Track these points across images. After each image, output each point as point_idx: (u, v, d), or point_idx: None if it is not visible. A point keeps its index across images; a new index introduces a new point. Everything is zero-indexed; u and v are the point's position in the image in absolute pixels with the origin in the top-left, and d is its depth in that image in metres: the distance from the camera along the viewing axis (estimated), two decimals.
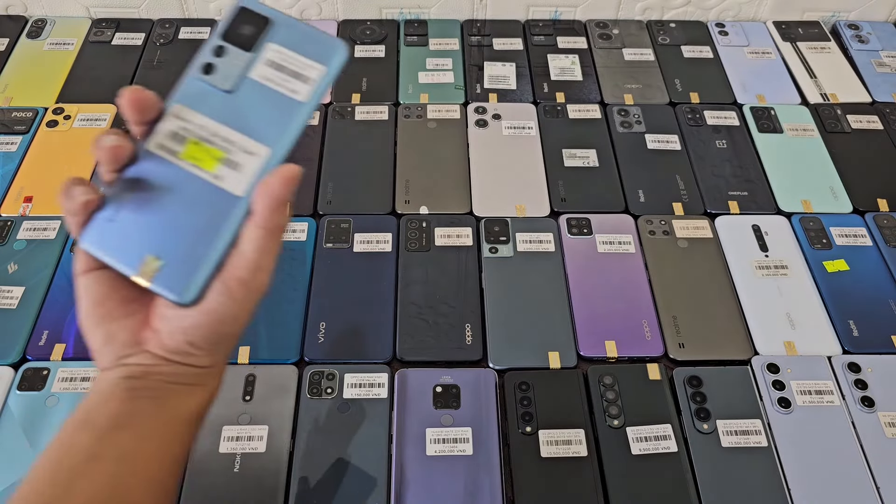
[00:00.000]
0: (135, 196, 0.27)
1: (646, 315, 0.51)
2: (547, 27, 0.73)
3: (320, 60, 0.28)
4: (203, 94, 0.27)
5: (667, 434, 0.45)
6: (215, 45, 0.28)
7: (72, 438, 0.26)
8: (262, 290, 0.27)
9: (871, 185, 0.60)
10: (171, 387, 0.27)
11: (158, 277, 0.26)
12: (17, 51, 0.69)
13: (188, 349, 0.27)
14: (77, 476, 0.25)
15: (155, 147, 0.27)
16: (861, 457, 0.45)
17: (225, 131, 0.27)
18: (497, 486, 0.43)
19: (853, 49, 0.72)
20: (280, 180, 0.25)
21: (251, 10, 0.28)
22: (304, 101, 0.27)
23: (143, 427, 0.26)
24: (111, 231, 0.26)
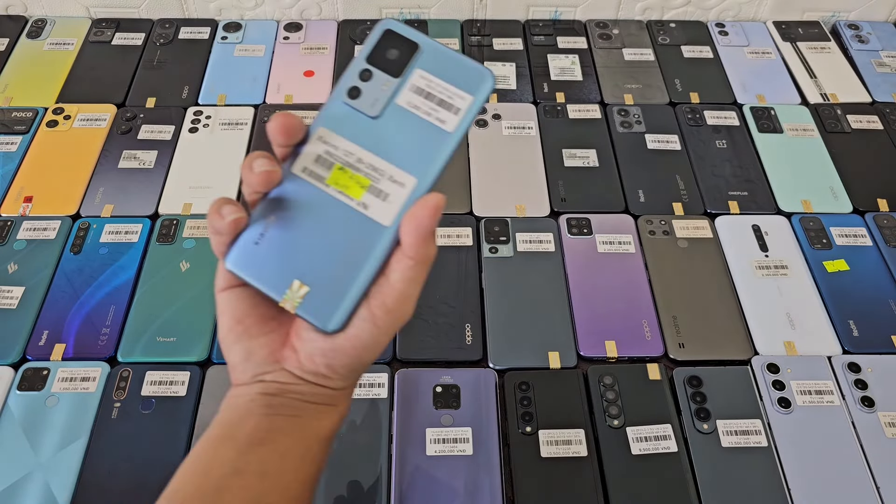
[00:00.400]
0: (280, 220, 0.27)
1: (646, 315, 0.51)
2: (547, 27, 0.73)
3: (468, 89, 0.27)
4: (349, 119, 0.27)
5: (667, 434, 0.45)
6: (361, 68, 0.27)
7: (215, 451, 0.27)
8: (406, 319, 0.27)
9: (871, 185, 0.60)
10: (307, 406, 0.28)
11: (305, 304, 0.26)
12: (17, 51, 0.69)
13: (326, 372, 0.27)
14: (223, 489, 0.25)
15: (300, 171, 0.27)
16: (861, 457, 0.45)
17: (371, 158, 0.27)
18: (497, 486, 0.43)
19: (853, 49, 0.72)
20: (428, 211, 0.25)
21: (397, 34, 0.28)
22: (451, 131, 0.27)
23: (282, 443, 0.27)
24: (257, 254, 0.26)
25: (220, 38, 0.71)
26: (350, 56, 0.70)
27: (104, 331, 0.49)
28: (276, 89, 0.67)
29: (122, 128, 0.62)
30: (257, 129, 0.63)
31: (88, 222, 0.56)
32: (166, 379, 0.47)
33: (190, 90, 0.66)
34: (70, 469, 0.43)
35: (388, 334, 0.27)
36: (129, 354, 0.48)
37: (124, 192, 0.58)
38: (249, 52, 0.70)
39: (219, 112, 0.64)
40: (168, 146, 0.61)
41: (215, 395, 0.46)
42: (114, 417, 0.45)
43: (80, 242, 0.54)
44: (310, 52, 0.70)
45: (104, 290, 0.52)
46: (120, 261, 0.53)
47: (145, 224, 0.56)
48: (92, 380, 0.47)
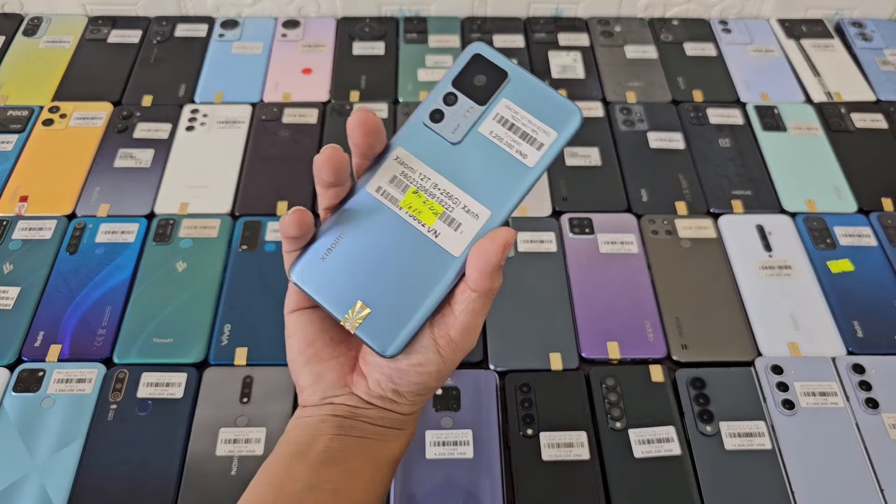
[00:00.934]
0: (349, 238, 0.26)
1: (648, 316, 0.51)
2: (548, 24, 0.73)
3: (553, 124, 0.26)
4: (428, 142, 0.27)
5: (669, 436, 0.45)
6: (446, 91, 0.27)
7: (289, 468, 0.27)
8: (469, 349, 0.27)
9: (876, 185, 0.60)
10: (376, 429, 0.28)
11: (365, 326, 0.26)
12: (13, 49, 0.69)
13: (393, 397, 0.28)
14: (298, 503, 0.26)
15: (374, 190, 0.27)
16: (865, 459, 0.44)
17: (447, 185, 0.26)
18: (497, 489, 0.42)
19: (857, 47, 0.71)
20: (496, 247, 0.25)
21: (487, 60, 0.27)
22: (531, 166, 0.26)
23: (353, 463, 0.28)
24: (322, 270, 0.26)
25: (218, 36, 0.70)
26: (349, 54, 0.69)
27: (100, 332, 0.49)
28: (273, 87, 0.66)
29: (119, 126, 0.62)
30: (254, 127, 0.63)
31: (84, 222, 0.55)
32: (163, 380, 0.46)
33: (187, 88, 0.65)
34: (66, 471, 0.42)
35: (452, 362, 0.27)
36: (125, 356, 0.48)
37: (121, 191, 0.57)
38: (247, 50, 0.69)
39: (216, 110, 0.64)
40: (165, 145, 0.61)
41: (212, 397, 0.46)
42: (110, 419, 0.45)
43: (75, 242, 0.54)
44: (308, 49, 0.70)
45: (100, 290, 0.51)
46: (116, 261, 0.53)
47: (142, 224, 0.55)
48: (88, 381, 0.46)
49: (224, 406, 0.45)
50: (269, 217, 0.56)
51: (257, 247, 0.54)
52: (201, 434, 0.44)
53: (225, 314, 0.50)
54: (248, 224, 0.55)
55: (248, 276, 0.52)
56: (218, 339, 0.49)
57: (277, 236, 0.55)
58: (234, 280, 0.52)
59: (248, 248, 0.54)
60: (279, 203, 0.57)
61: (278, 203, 0.57)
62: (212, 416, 0.45)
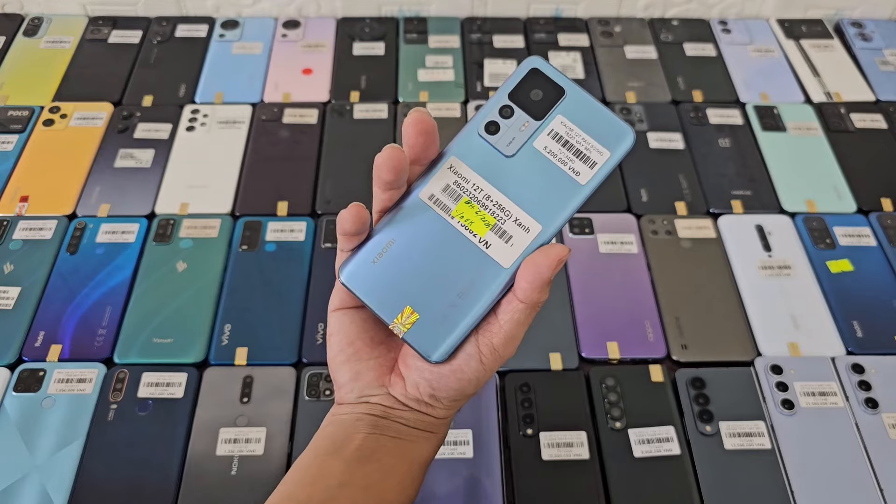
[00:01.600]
0: (400, 243, 0.27)
1: (648, 316, 0.51)
2: (548, 24, 0.73)
3: (606, 144, 0.26)
4: (482, 154, 0.27)
5: (669, 436, 0.45)
6: (503, 104, 0.27)
7: (323, 464, 0.28)
8: (508, 358, 0.28)
9: (876, 185, 0.60)
10: (409, 430, 0.29)
11: (413, 331, 0.27)
12: (14, 49, 0.69)
13: (429, 401, 0.28)
14: (330, 499, 0.27)
15: (427, 198, 0.27)
16: (865, 459, 0.44)
17: (499, 197, 0.27)
18: (497, 489, 0.42)
19: (857, 47, 0.71)
20: (550, 262, 0.25)
21: (544, 75, 0.27)
22: (583, 184, 0.26)
23: (386, 462, 0.28)
24: (373, 273, 0.27)
25: (218, 36, 0.70)
26: (349, 54, 0.69)
27: (100, 332, 0.49)
28: (274, 87, 0.66)
29: (119, 126, 0.62)
30: (255, 127, 0.63)
31: (85, 222, 0.55)
32: (163, 380, 0.46)
33: (187, 88, 0.66)
34: (66, 471, 0.42)
35: (491, 371, 0.28)
36: (125, 355, 0.48)
37: (121, 191, 0.57)
38: (247, 50, 0.69)
39: (216, 110, 0.64)
40: (165, 145, 0.61)
41: (212, 397, 0.46)
42: (110, 419, 0.45)
43: (76, 242, 0.54)
44: (308, 49, 0.70)
45: (100, 290, 0.51)
46: (116, 261, 0.53)
47: (142, 224, 0.55)
48: (88, 381, 0.46)
49: (224, 406, 0.45)
50: (269, 217, 0.56)
51: (257, 247, 0.54)
52: (201, 434, 0.44)
53: (225, 314, 0.50)
54: (249, 224, 0.55)
55: (249, 276, 0.52)
56: (218, 338, 0.49)
57: (277, 236, 0.55)
58: (234, 280, 0.52)
59: (248, 248, 0.54)
60: (279, 203, 0.57)
61: (278, 203, 0.57)
62: (212, 415, 0.45)
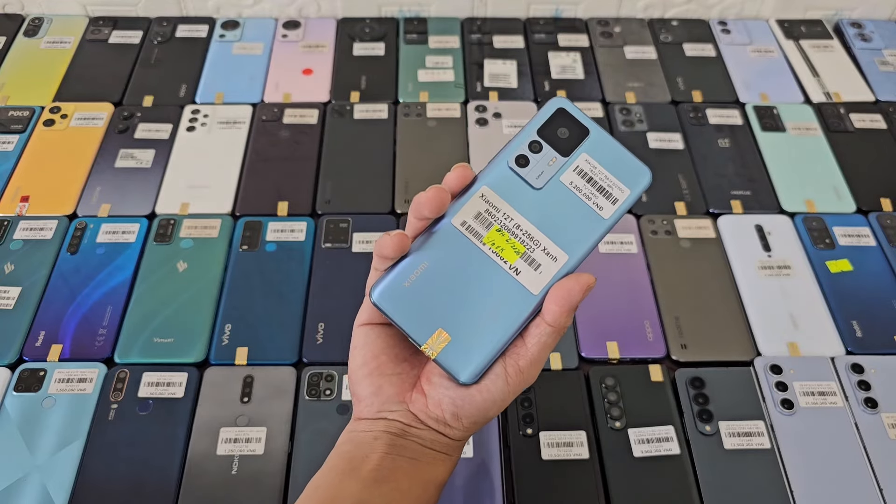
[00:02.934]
0: (432, 267, 0.28)
1: (648, 316, 0.51)
2: (548, 25, 0.73)
3: (627, 182, 0.28)
4: (512, 185, 0.28)
5: (669, 436, 0.45)
6: (532, 139, 0.29)
7: (341, 483, 0.28)
8: (531, 382, 0.29)
9: (875, 185, 0.60)
10: (426, 451, 0.29)
11: (445, 352, 0.28)
12: (14, 49, 0.69)
13: (450, 420, 0.29)
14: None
15: (459, 224, 0.28)
16: (864, 458, 0.44)
17: (529, 227, 0.28)
18: (497, 488, 0.42)
19: (856, 47, 0.72)
20: (580, 287, 0.27)
21: (569, 114, 0.29)
22: (605, 218, 0.28)
23: (403, 483, 0.28)
24: (404, 295, 0.28)
25: (218, 37, 0.71)
26: (349, 54, 0.69)
27: (101, 331, 0.49)
28: (274, 88, 0.66)
29: (120, 127, 0.62)
30: (255, 127, 0.63)
31: (85, 222, 0.55)
32: (164, 380, 0.46)
33: (187, 89, 0.66)
34: (67, 471, 0.43)
35: (515, 393, 0.28)
36: (126, 355, 0.48)
37: (121, 191, 0.58)
38: (247, 51, 0.69)
39: (217, 111, 0.64)
40: (165, 145, 0.61)
41: (212, 397, 0.46)
42: (111, 419, 0.45)
43: (76, 242, 0.54)
44: (308, 50, 0.70)
45: (101, 290, 0.51)
46: (117, 261, 0.53)
47: (142, 224, 0.55)
48: (89, 381, 0.46)
49: (225, 406, 0.46)
50: (269, 217, 0.56)
51: (258, 247, 0.54)
52: (202, 434, 0.44)
53: (225, 314, 0.50)
54: (249, 224, 0.55)
55: (249, 276, 0.52)
56: (219, 338, 0.49)
57: (278, 236, 0.55)
58: (234, 280, 0.52)
59: (248, 248, 0.54)
60: (279, 203, 0.57)
61: (279, 203, 0.57)
62: (212, 415, 0.45)
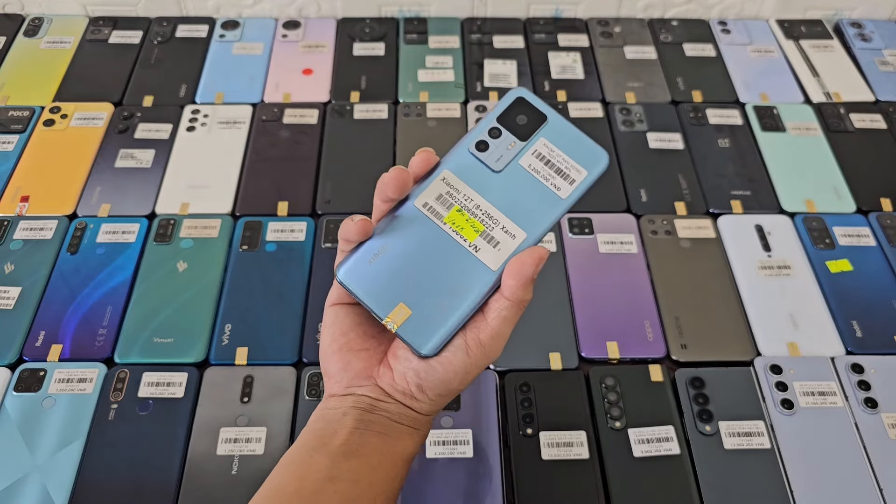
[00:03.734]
0: (395, 246, 0.29)
1: (648, 316, 0.51)
2: (548, 25, 0.73)
3: (583, 164, 0.30)
4: (473, 168, 0.30)
5: (669, 436, 0.45)
6: (491, 126, 0.30)
7: (311, 459, 0.29)
8: (495, 356, 0.29)
9: (875, 185, 0.60)
10: (394, 426, 0.30)
11: (406, 326, 0.29)
12: (14, 49, 0.69)
13: (416, 393, 0.30)
14: (319, 492, 0.27)
15: (421, 205, 0.30)
16: (864, 458, 0.44)
17: (488, 207, 0.30)
18: (497, 488, 0.42)
19: (856, 48, 0.72)
20: (533, 260, 0.28)
21: (528, 102, 0.30)
22: (563, 198, 0.30)
23: (372, 457, 0.29)
24: (369, 272, 0.29)
25: (218, 37, 0.71)
26: (349, 54, 0.69)
27: (101, 331, 0.49)
28: (274, 88, 0.66)
29: (120, 127, 0.62)
30: (255, 127, 0.63)
31: (85, 222, 0.55)
32: (164, 380, 0.47)
33: (187, 89, 0.66)
34: (67, 471, 0.43)
35: (477, 366, 0.29)
36: (126, 355, 0.48)
37: (121, 191, 0.58)
38: (247, 51, 0.69)
39: (216, 111, 0.64)
40: (165, 145, 0.61)
41: (212, 397, 0.46)
42: (111, 419, 0.45)
43: (76, 242, 0.54)
44: (308, 50, 0.70)
45: (101, 290, 0.51)
46: (117, 261, 0.53)
47: (142, 224, 0.55)
48: (89, 381, 0.46)
49: (225, 406, 0.46)
50: (269, 217, 0.56)
51: (258, 247, 0.54)
52: (202, 434, 0.44)
53: (225, 314, 0.50)
54: (249, 224, 0.55)
55: (249, 276, 0.52)
56: (219, 338, 0.49)
57: (278, 236, 0.55)
58: (234, 280, 0.52)
59: (248, 248, 0.54)
60: (279, 203, 0.57)
61: (279, 203, 0.57)
62: (212, 415, 0.45)
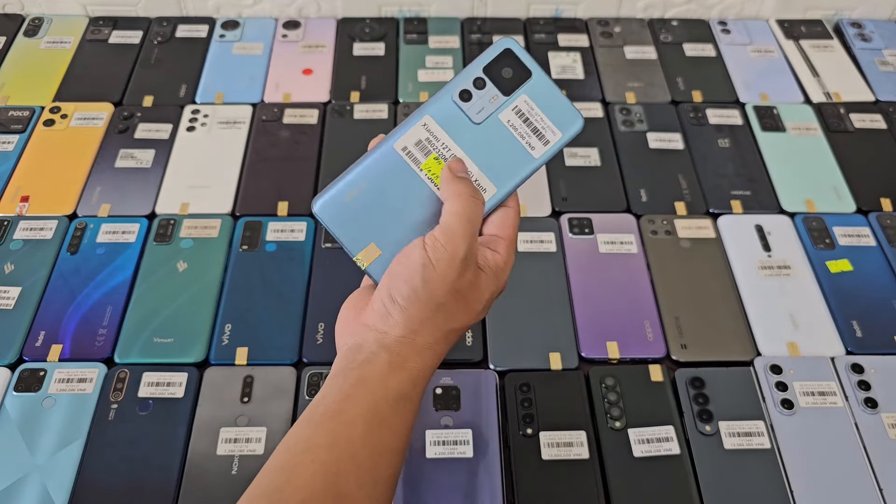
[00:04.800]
0: (372, 186, 0.30)
1: (648, 316, 0.51)
2: (548, 25, 0.73)
3: (559, 126, 0.30)
4: (454, 117, 0.30)
5: (669, 436, 0.45)
6: (476, 75, 0.31)
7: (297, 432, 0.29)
8: (454, 252, 0.29)
9: (875, 185, 0.60)
10: (372, 365, 0.29)
11: (374, 265, 0.30)
12: (14, 49, 0.69)
13: (388, 304, 0.29)
14: (297, 465, 0.27)
15: (400, 149, 0.30)
16: (864, 458, 0.44)
17: (464, 158, 0.30)
18: (497, 488, 0.42)
19: (856, 48, 0.72)
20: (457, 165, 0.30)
21: (516, 56, 0.31)
22: (536, 157, 0.30)
23: (349, 413, 0.28)
24: (344, 209, 0.30)
25: (218, 37, 0.71)
26: (349, 54, 0.69)
27: (101, 331, 0.49)
28: (274, 88, 0.66)
29: (120, 127, 0.62)
30: (255, 127, 0.63)
31: (85, 222, 0.55)
32: (164, 380, 0.46)
33: (187, 89, 0.66)
34: (67, 471, 0.43)
35: (437, 260, 0.28)
36: (126, 355, 0.48)
37: (121, 191, 0.58)
38: (247, 51, 0.69)
39: (216, 111, 0.64)
40: (165, 145, 0.61)
41: (212, 397, 0.46)
42: (111, 419, 0.45)
43: (76, 242, 0.54)
44: (308, 50, 0.70)
45: (101, 290, 0.51)
46: (117, 261, 0.53)
47: (142, 224, 0.55)
48: (89, 381, 0.46)
49: (225, 405, 0.46)
50: (269, 217, 0.56)
51: (258, 247, 0.54)
52: (202, 434, 0.44)
53: (225, 314, 0.50)
54: (249, 224, 0.55)
55: (249, 276, 0.52)
56: (219, 338, 0.49)
57: (278, 236, 0.55)
58: (234, 280, 0.52)
59: (248, 248, 0.54)
60: (279, 203, 0.57)
61: (279, 203, 0.57)
62: (212, 415, 0.45)
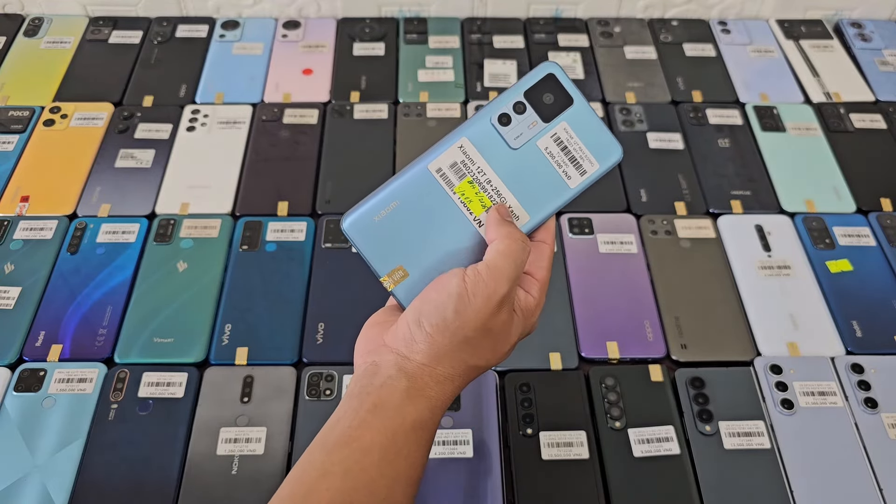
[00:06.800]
0: (403, 206, 0.30)
1: (648, 316, 0.51)
2: (548, 25, 0.73)
3: (598, 156, 0.30)
4: (491, 141, 0.30)
5: (669, 436, 0.45)
6: (517, 100, 0.30)
7: (310, 457, 0.28)
8: (498, 288, 0.29)
9: (875, 185, 0.60)
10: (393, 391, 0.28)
11: (401, 287, 0.30)
12: (14, 49, 0.69)
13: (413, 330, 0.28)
14: (311, 491, 0.27)
15: (435, 170, 0.30)
16: (864, 458, 0.44)
17: (499, 184, 0.30)
18: (497, 488, 0.42)
19: (856, 48, 0.72)
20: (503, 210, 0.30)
21: (559, 82, 0.30)
22: (572, 187, 0.30)
23: (365, 440, 0.28)
24: (374, 228, 0.30)
25: (218, 37, 0.71)
26: (349, 54, 0.69)
27: (101, 331, 0.49)
28: (274, 88, 0.66)
29: (120, 127, 0.62)
30: (255, 127, 0.63)
31: (85, 222, 0.55)
32: (164, 380, 0.47)
33: (187, 89, 0.66)
34: (67, 471, 0.43)
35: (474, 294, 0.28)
36: (126, 355, 0.48)
37: (121, 191, 0.58)
38: (247, 51, 0.69)
39: (216, 111, 0.64)
40: (165, 145, 0.61)
41: (212, 397, 0.46)
42: (111, 419, 0.45)
43: (76, 242, 0.54)
44: (308, 50, 0.70)
45: (101, 290, 0.51)
46: (117, 261, 0.53)
47: (142, 224, 0.55)
48: (89, 381, 0.46)
49: (225, 405, 0.46)
50: (269, 217, 0.56)
51: (258, 247, 0.54)
52: (202, 433, 0.44)
53: (225, 314, 0.50)
54: (249, 224, 0.55)
55: (249, 276, 0.52)
56: (218, 338, 0.49)
57: (278, 236, 0.55)
58: (234, 280, 0.52)
59: (248, 248, 0.54)
60: (279, 203, 0.57)
61: (279, 203, 0.57)
62: (212, 415, 0.45)
